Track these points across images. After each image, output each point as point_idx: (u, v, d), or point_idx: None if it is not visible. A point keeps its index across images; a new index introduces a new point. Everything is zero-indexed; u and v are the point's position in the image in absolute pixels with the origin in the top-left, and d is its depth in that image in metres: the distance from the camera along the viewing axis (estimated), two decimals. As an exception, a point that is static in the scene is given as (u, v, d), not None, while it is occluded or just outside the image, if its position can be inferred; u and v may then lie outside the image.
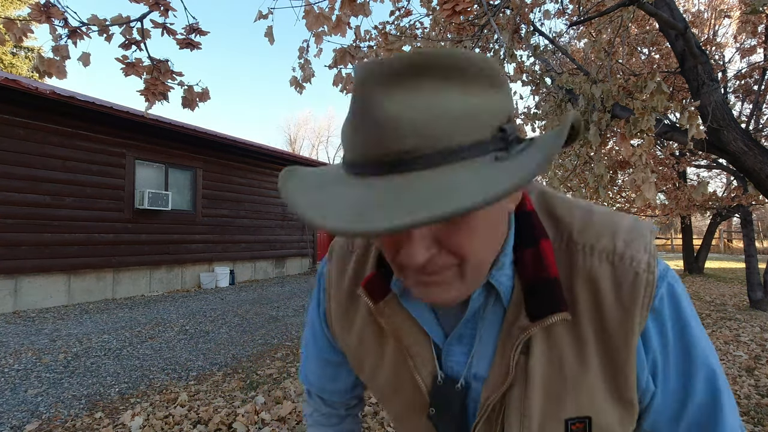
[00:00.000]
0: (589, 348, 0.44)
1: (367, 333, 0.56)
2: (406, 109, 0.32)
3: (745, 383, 3.14)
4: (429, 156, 0.32)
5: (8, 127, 5.43)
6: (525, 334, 0.44)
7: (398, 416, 0.57)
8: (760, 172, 2.65)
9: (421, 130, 0.32)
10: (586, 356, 0.44)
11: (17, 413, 2.56)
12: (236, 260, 8.79)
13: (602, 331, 0.44)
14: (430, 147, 0.32)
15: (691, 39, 2.61)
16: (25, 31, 1.85)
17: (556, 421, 0.45)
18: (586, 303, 0.44)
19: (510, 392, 0.46)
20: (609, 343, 0.43)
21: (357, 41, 2.74)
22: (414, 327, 0.51)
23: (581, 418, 0.44)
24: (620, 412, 0.45)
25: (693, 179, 10.68)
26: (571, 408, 0.45)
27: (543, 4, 3.85)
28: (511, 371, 0.44)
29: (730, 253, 21.47)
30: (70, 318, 5.14)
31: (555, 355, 0.45)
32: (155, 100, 2.16)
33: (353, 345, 0.58)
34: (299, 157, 11.55)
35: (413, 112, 0.32)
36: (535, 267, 0.45)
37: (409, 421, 0.55)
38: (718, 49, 7.18)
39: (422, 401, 0.51)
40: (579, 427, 0.45)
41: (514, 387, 0.45)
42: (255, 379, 3.20)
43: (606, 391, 0.44)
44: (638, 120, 2.54)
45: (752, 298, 6.39)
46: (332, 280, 0.60)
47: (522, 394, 0.45)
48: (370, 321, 0.55)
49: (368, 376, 0.58)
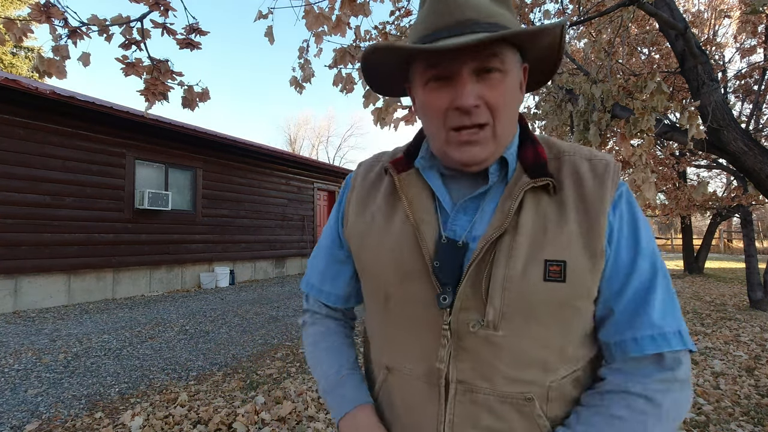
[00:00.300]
0: (569, 211, 0.57)
1: (381, 210, 0.68)
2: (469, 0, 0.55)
3: (745, 383, 3.14)
4: (477, 23, 0.54)
5: (8, 127, 5.43)
6: (523, 190, 0.57)
7: (390, 292, 0.64)
8: (760, 172, 2.65)
9: (476, 9, 0.55)
10: (566, 217, 0.57)
11: (17, 413, 2.56)
12: (236, 260, 8.79)
13: (581, 198, 0.58)
14: (479, 19, 0.54)
15: (691, 39, 2.61)
16: (25, 31, 1.85)
17: (537, 261, 0.55)
18: (569, 181, 0.59)
19: (501, 239, 0.57)
20: (586, 204, 0.57)
21: (357, 41, 2.74)
22: (427, 198, 0.64)
23: (558, 261, 0.55)
24: (590, 262, 0.55)
25: (693, 179, 10.68)
26: (550, 252, 0.55)
27: (543, 4, 3.86)
28: (507, 219, 0.56)
29: (730, 253, 21.47)
30: (70, 318, 5.14)
31: (540, 214, 0.57)
32: (155, 100, 2.16)
33: (363, 225, 0.69)
34: (299, 157, 11.55)
35: (473, 2, 0.55)
36: (533, 156, 0.61)
37: (407, 287, 0.62)
38: (718, 49, 7.18)
39: (422, 264, 0.60)
40: (556, 269, 0.55)
41: (505, 235, 0.57)
42: (255, 379, 3.20)
43: (580, 243, 0.55)
44: (638, 120, 2.54)
45: (752, 298, 6.39)
46: (358, 178, 0.75)
47: (511, 240, 0.56)
48: (387, 199, 0.68)
49: (372, 251, 0.67)
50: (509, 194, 0.59)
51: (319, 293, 0.78)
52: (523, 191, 0.57)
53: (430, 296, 0.59)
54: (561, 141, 0.66)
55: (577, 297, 0.55)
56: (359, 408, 0.67)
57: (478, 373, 0.57)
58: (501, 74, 0.55)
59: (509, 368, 0.56)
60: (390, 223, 0.66)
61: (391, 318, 0.65)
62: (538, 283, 0.54)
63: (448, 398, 0.59)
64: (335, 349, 0.75)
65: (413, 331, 0.62)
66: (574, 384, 0.59)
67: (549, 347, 0.56)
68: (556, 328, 0.56)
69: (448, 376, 0.59)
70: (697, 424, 2.49)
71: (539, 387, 0.57)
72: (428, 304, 0.59)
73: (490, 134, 0.57)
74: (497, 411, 0.57)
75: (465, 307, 0.57)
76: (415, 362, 0.62)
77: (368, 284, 0.70)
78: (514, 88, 0.58)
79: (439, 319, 0.58)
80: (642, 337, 0.54)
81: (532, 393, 0.56)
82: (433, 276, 0.58)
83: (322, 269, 0.78)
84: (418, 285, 0.60)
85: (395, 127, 2.76)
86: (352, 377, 0.71)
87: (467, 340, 0.57)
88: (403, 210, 0.64)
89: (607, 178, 0.58)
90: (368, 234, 0.68)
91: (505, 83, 0.55)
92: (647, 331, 0.54)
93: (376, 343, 0.71)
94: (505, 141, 0.60)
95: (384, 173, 0.72)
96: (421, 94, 0.60)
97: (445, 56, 0.55)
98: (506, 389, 0.57)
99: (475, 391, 0.58)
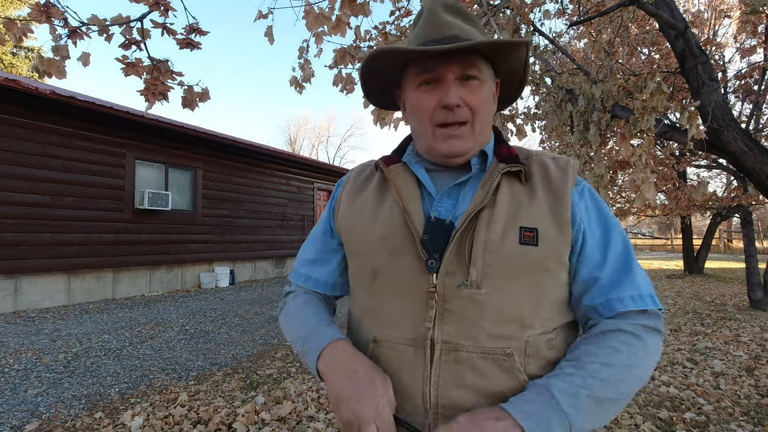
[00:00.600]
0: (539, 193, 0.68)
1: (370, 199, 0.76)
2: (454, 20, 0.69)
3: (745, 383, 3.14)
4: (460, 38, 0.66)
5: (8, 127, 5.43)
6: (500, 173, 0.68)
7: (379, 267, 0.70)
8: (760, 172, 2.65)
9: (459, 29, 0.68)
10: (536, 197, 0.68)
11: (17, 413, 2.56)
12: (236, 260, 8.79)
13: (548, 183, 0.69)
14: (461, 36, 0.67)
15: (691, 39, 2.61)
16: (25, 31, 1.85)
17: (513, 228, 0.65)
18: (537, 172, 0.71)
19: (481, 213, 0.66)
20: (552, 188, 0.68)
21: (357, 41, 2.74)
22: (413, 186, 0.73)
23: (531, 228, 0.65)
24: (558, 231, 0.65)
25: (693, 179, 10.67)
26: (524, 221, 0.65)
27: (543, 4, 3.85)
28: (487, 197, 0.66)
29: (730, 253, 21.46)
30: (70, 318, 5.14)
31: (515, 195, 0.68)
32: (155, 100, 2.16)
33: (354, 212, 0.77)
34: (299, 157, 11.54)
35: (457, 23, 0.69)
36: (507, 152, 0.73)
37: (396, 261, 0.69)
38: (718, 49, 7.18)
39: (411, 240, 0.67)
40: (530, 235, 0.64)
41: (485, 210, 0.66)
42: (255, 379, 3.20)
43: (549, 216, 0.66)
44: (638, 120, 2.54)
45: (752, 298, 6.39)
46: (350, 177, 0.84)
47: (490, 214, 0.66)
48: (376, 190, 0.77)
49: (362, 232, 0.74)
50: (488, 178, 0.69)
51: (306, 280, 0.84)
52: (500, 174, 0.68)
53: (418, 267, 0.66)
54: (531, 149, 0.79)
55: (548, 258, 0.64)
56: (337, 341, 0.69)
57: (463, 333, 0.63)
58: (479, 82, 0.68)
59: (491, 325, 0.63)
60: (379, 208, 0.74)
61: (379, 291, 0.70)
62: (514, 246, 0.64)
63: (433, 360, 0.64)
64: (316, 309, 0.79)
65: (402, 299, 0.68)
66: (548, 345, 0.65)
67: (525, 304, 0.64)
68: (531, 286, 0.64)
69: (433, 337, 0.64)
70: (697, 424, 2.49)
71: (518, 342, 0.63)
72: (416, 274, 0.66)
73: (470, 131, 0.68)
74: (480, 368, 0.62)
75: (450, 271, 0.64)
76: (402, 330, 0.67)
77: (358, 263, 0.75)
78: (490, 96, 0.70)
79: (426, 285, 0.65)
80: (625, 296, 0.64)
81: (511, 348, 0.63)
82: (421, 246, 0.66)
83: (312, 258, 0.84)
84: (408, 257, 0.67)
85: (395, 127, 2.77)
86: (333, 326, 0.76)
87: (453, 302, 0.64)
88: (392, 196, 0.73)
89: (568, 169, 0.71)
90: (359, 218, 0.75)
91: (482, 90, 0.68)
92: (630, 291, 0.64)
93: (364, 321, 0.74)
94: (482, 139, 0.71)
95: (374, 172, 0.81)
96: (413, 95, 0.70)
97: (436, 61, 0.66)
98: (489, 345, 0.63)
99: (459, 350, 0.63)
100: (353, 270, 0.77)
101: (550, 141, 6.79)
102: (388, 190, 0.75)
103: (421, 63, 0.68)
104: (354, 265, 0.77)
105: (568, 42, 7.74)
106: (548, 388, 0.58)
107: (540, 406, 0.56)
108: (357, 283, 0.76)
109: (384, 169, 0.75)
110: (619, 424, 2.48)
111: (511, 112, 3.71)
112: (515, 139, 3.53)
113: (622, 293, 0.64)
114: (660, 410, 2.65)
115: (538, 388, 0.59)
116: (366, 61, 0.70)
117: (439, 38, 0.67)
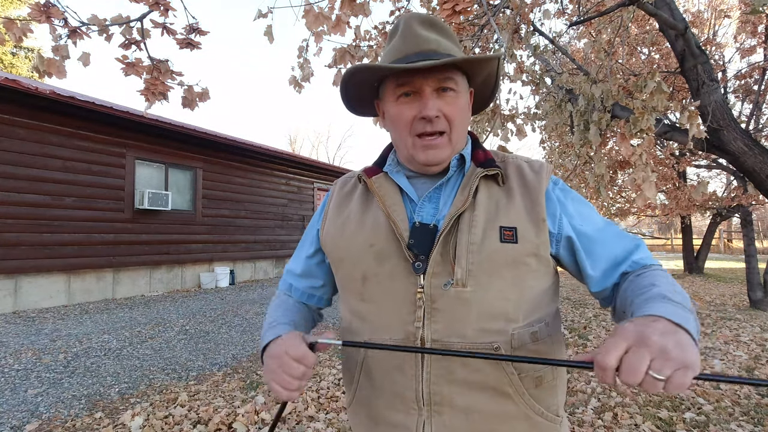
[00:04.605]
0: (515, 194, 0.72)
1: (355, 210, 0.79)
2: (430, 35, 0.72)
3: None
4: (437, 53, 0.70)
5: (8, 127, 5.43)
6: (478, 177, 0.72)
7: (368, 273, 0.73)
8: (760, 172, 2.65)
9: (435, 43, 0.71)
10: (513, 198, 0.71)
11: (17, 413, 2.56)
12: (236, 260, 8.79)
13: (524, 185, 0.73)
14: (438, 50, 0.71)
15: (691, 39, 2.61)
16: (25, 31, 1.84)
17: (493, 228, 0.68)
18: (513, 175, 0.75)
19: (462, 216, 0.70)
20: (528, 189, 0.72)
21: (357, 41, 2.74)
22: (395, 194, 0.76)
23: (510, 227, 0.68)
24: (535, 228, 0.69)
25: (693, 179, 10.67)
26: (504, 221, 0.69)
27: (543, 4, 3.85)
28: (467, 200, 0.70)
29: (730, 253, 21.45)
30: (70, 318, 5.14)
31: (493, 197, 0.72)
32: (155, 100, 2.16)
33: (340, 222, 0.80)
34: (299, 157, 11.54)
35: (433, 37, 0.72)
36: (484, 156, 0.77)
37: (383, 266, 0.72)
38: (718, 49, 7.18)
39: (396, 245, 0.70)
40: (509, 234, 0.68)
41: (465, 212, 0.70)
42: (255, 379, 3.20)
43: (526, 215, 0.70)
44: (638, 120, 2.54)
45: (752, 298, 6.39)
46: (336, 189, 0.87)
47: (471, 215, 0.70)
48: (361, 200, 0.80)
49: (348, 241, 0.77)
50: (467, 182, 0.73)
51: (289, 288, 0.89)
52: (478, 178, 0.72)
53: (405, 269, 0.69)
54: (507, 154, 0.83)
55: (527, 254, 0.68)
56: (287, 332, 0.72)
57: (451, 331, 0.66)
58: (455, 93, 0.71)
59: (478, 321, 0.66)
60: (365, 218, 0.77)
61: (368, 295, 0.73)
62: (495, 244, 0.67)
63: (424, 358, 0.67)
64: (285, 311, 0.83)
65: (391, 302, 0.70)
66: (532, 338, 0.68)
67: (509, 299, 0.67)
68: (513, 281, 0.68)
69: (423, 337, 0.67)
70: (697, 424, 2.49)
71: (504, 336, 0.66)
72: (403, 276, 0.69)
73: (447, 140, 0.72)
74: (469, 363, 0.66)
75: (436, 272, 0.67)
76: (392, 331, 0.70)
77: (347, 270, 0.77)
78: (465, 105, 0.74)
79: (414, 287, 0.68)
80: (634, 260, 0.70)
81: (498, 342, 0.66)
82: (407, 250, 0.69)
83: (299, 270, 0.89)
84: (395, 261, 0.70)
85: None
86: (288, 325, 0.78)
87: (440, 301, 0.67)
88: (377, 205, 0.76)
89: (542, 171, 0.75)
90: (344, 228, 0.78)
91: (458, 100, 0.71)
92: (635, 257, 0.70)
93: (355, 325, 0.76)
94: (459, 147, 0.75)
95: (357, 184, 0.85)
96: (393, 107, 0.73)
97: (414, 74, 0.69)
98: (476, 340, 0.66)
99: (448, 347, 0.66)
100: (342, 277, 0.79)
101: (550, 141, 6.79)
102: (372, 200, 0.78)
103: (400, 77, 0.71)
104: (343, 272, 0.79)
105: (568, 42, 7.75)
106: (664, 295, 0.59)
107: (675, 307, 0.56)
108: (347, 288, 0.79)
109: (367, 180, 0.78)
110: (619, 424, 2.48)
111: (511, 112, 3.71)
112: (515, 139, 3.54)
113: (633, 258, 0.70)
114: (660, 410, 2.65)
115: (657, 299, 0.59)
116: (346, 76, 0.73)
117: (417, 52, 0.70)
